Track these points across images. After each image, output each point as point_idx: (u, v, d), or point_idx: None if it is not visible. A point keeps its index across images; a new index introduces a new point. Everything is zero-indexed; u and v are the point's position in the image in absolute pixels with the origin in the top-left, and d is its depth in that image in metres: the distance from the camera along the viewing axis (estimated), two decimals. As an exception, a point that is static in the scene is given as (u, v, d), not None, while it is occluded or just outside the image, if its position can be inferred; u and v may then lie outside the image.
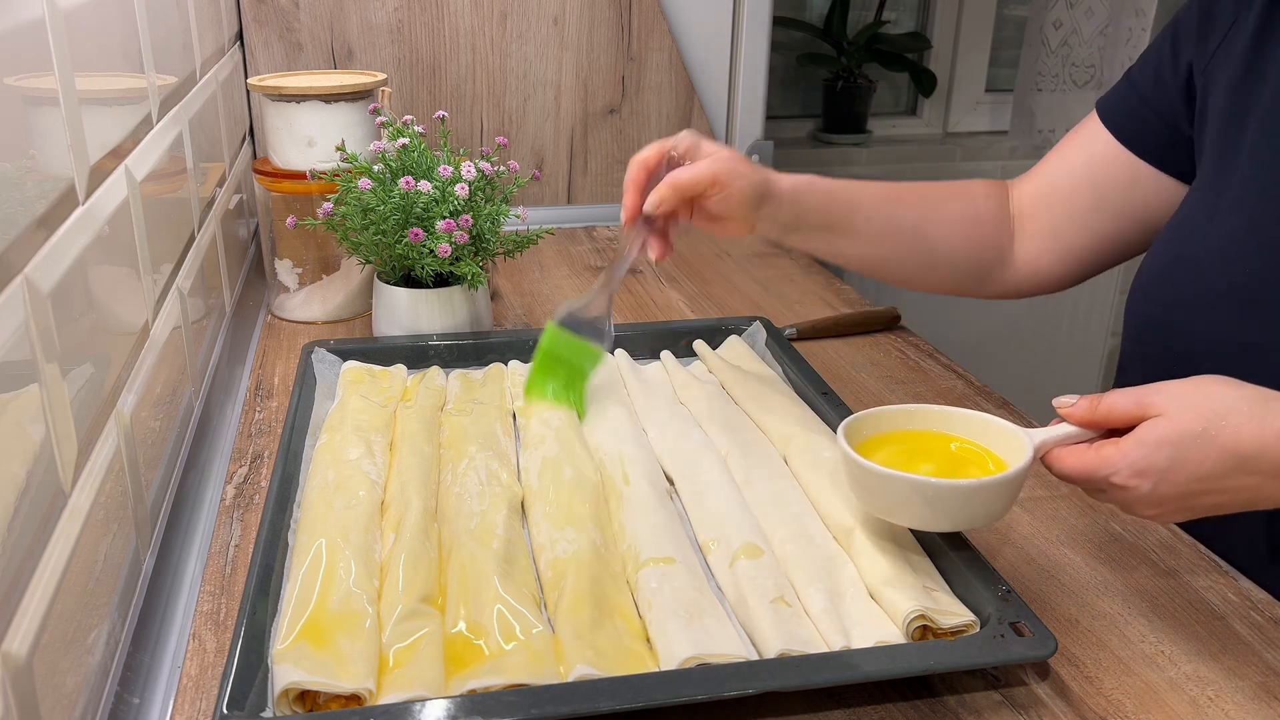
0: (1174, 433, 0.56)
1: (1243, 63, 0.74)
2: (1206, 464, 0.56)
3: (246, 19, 1.29)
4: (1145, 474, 0.57)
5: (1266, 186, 0.71)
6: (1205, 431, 0.56)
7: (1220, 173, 0.75)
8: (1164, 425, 0.56)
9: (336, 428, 0.77)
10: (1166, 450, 0.56)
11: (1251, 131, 0.72)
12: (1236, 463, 0.55)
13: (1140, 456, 0.57)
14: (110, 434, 0.60)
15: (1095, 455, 0.58)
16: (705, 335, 0.97)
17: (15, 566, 0.44)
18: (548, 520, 0.68)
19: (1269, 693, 0.58)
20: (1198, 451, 0.56)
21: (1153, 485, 0.57)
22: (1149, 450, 0.56)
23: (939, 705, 0.57)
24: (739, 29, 1.47)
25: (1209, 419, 0.56)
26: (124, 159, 0.68)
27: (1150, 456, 0.56)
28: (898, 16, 2.34)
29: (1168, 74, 0.80)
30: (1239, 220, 0.72)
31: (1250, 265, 0.70)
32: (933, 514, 0.60)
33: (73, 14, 0.59)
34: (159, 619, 0.65)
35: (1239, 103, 0.74)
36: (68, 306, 0.54)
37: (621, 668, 0.55)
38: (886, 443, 0.65)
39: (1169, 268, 0.76)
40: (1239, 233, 0.71)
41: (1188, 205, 0.77)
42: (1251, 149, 0.72)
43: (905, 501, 0.60)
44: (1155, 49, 0.82)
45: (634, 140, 1.45)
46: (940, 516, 0.60)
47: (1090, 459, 0.59)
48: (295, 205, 1.03)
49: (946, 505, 0.60)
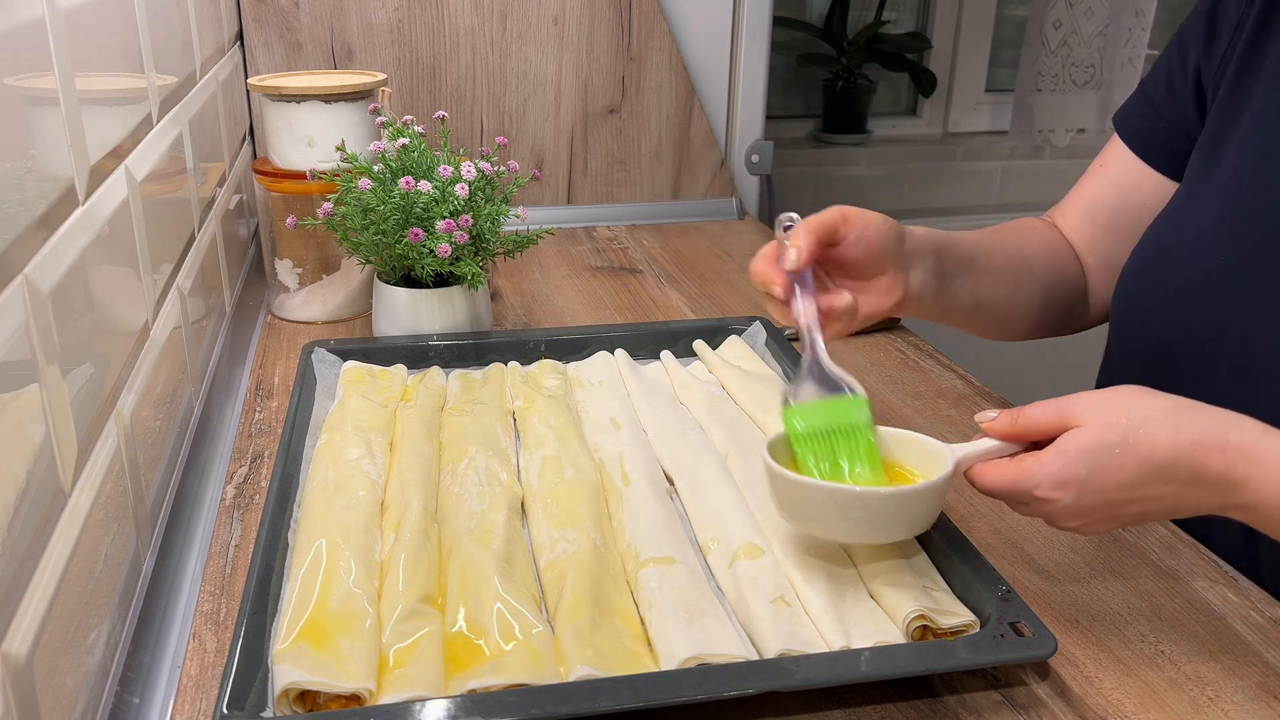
0: (1092, 442, 0.56)
1: (1240, 61, 0.74)
2: (1125, 473, 0.56)
3: (246, 19, 1.29)
4: (1066, 485, 0.57)
5: (1245, 180, 0.71)
6: (1122, 440, 0.56)
7: (1206, 165, 0.75)
8: (1083, 435, 0.57)
9: (336, 428, 0.77)
10: (1086, 460, 0.56)
11: (1242, 126, 0.73)
12: (1153, 471, 0.56)
13: (1061, 467, 0.57)
14: (110, 434, 0.60)
15: (1016, 468, 0.58)
16: (705, 335, 0.97)
17: (15, 566, 0.44)
18: (548, 520, 0.68)
19: (1269, 693, 0.58)
20: (1116, 460, 0.56)
21: (1074, 496, 0.57)
22: (1068, 461, 0.57)
23: (939, 705, 0.57)
24: (739, 29, 1.47)
25: (1126, 429, 0.56)
26: (124, 159, 0.68)
27: (1070, 467, 0.56)
28: (898, 16, 2.34)
29: (1178, 82, 0.80)
30: (1217, 211, 0.73)
31: (1226, 254, 0.71)
32: (850, 525, 0.59)
33: (73, 14, 0.59)
34: (159, 619, 0.65)
35: (1233, 99, 0.75)
36: (68, 306, 0.54)
37: (621, 668, 0.55)
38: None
39: (1150, 258, 0.77)
40: (1216, 222, 0.72)
41: (1174, 198, 0.78)
42: (1240, 143, 0.73)
43: (822, 512, 0.59)
44: (1165, 57, 0.83)
45: (634, 140, 1.45)
46: (857, 527, 0.59)
47: (1011, 472, 0.58)
48: (295, 205, 1.03)
49: (864, 515, 0.58)
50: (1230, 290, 0.70)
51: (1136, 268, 0.78)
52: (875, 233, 0.69)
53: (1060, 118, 2.24)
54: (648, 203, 1.48)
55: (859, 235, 0.68)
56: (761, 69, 1.49)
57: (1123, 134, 0.85)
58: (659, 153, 1.47)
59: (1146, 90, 0.84)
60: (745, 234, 1.43)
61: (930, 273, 0.74)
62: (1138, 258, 0.79)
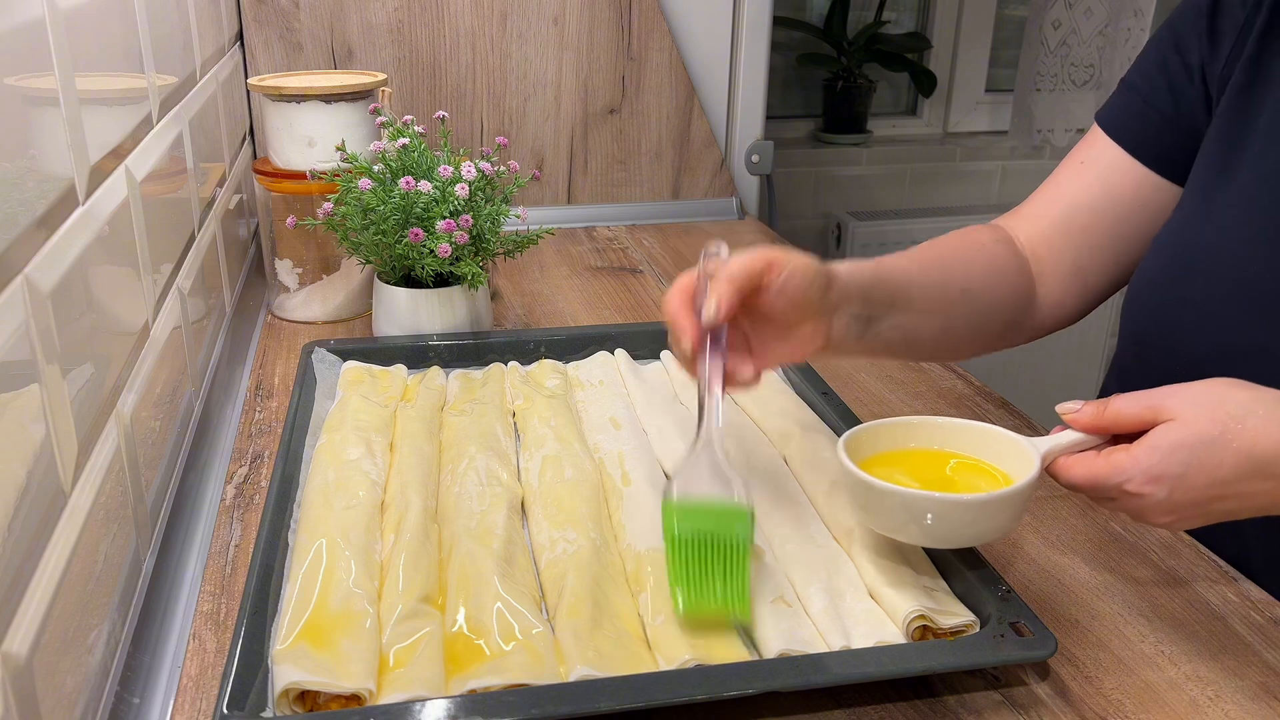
0: (1189, 437, 0.55)
1: (1247, 66, 0.74)
2: (1223, 469, 0.54)
3: (246, 19, 1.29)
4: (1160, 480, 0.55)
5: (1269, 191, 0.70)
6: (1221, 436, 0.54)
7: (1222, 173, 0.74)
8: (1178, 430, 0.55)
9: (336, 428, 0.77)
10: (1181, 455, 0.55)
11: (1257, 134, 0.72)
12: (1253, 467, 0.54)
13: (1154, 462, 0.55)
14: (110, 434, 0.60)
15: (1105, 462, 0.57)
16: (705, 335, 0.96)
17: (15, 566, 0.44)
18: (548, 520, 0.68)
19: (1269, 693, 0.58)
20: (1214, 456, 0.54)
21: (1168, 492, 0.55)
22: (1163, 455, 0.55)
23: (939, 705, 0.57)
24: (739, 29, 1.47)
25: (1224, 422, 0.55)
26: (124, 159, 0.68)
27: (1165, 462, 0.55)
28: (898, 16, 2.34)
29: (1178, 77, 0.78)
30: (1241, 223, 0.71)
31: (1257, 266, 0.70)
32: (937, 531, 0.58)
33: (73, 14, 0.59)
34: (159, 619, 0.65)
35: (1244, 105, 0.73)
36: (68, 306, 0.54)
37: (621, 668, 0.55)
38: (885, 461, 0.63)
39: (1170, 270, 0.75)
40: (1242, 235, 0.71)
41: (1186, 206, 0.77)
42: (1258, 152, 0.72)
43: (907, 518, 0.58)
44: (1155, 52, 0.80)
45: (634, 140, 1.45)
46: (945, 533, 0.58)
47: (1100, 467, 0.57)
48: (295, 205, 1.03)
49: (949, 522, 0.58)
50: (1267, 303, 0.69)
51: (1154, 280, 0.76)
52: (799, 282, 0.63)
53: (1060, 118, 2.24)
54: (648, 203, 1.48)
55: (783, 285, 0.62)
56: (761, 69, 1.49)
57: (1110, 131, 0.82)
58: (659, 153, 1.47)
59: (1134, 86, 0.81)
60: (745, 234, 1.43)
61: (854, 318, 0.68)
62: (1154, 269, 0.77)
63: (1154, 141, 0.80)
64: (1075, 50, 2.19)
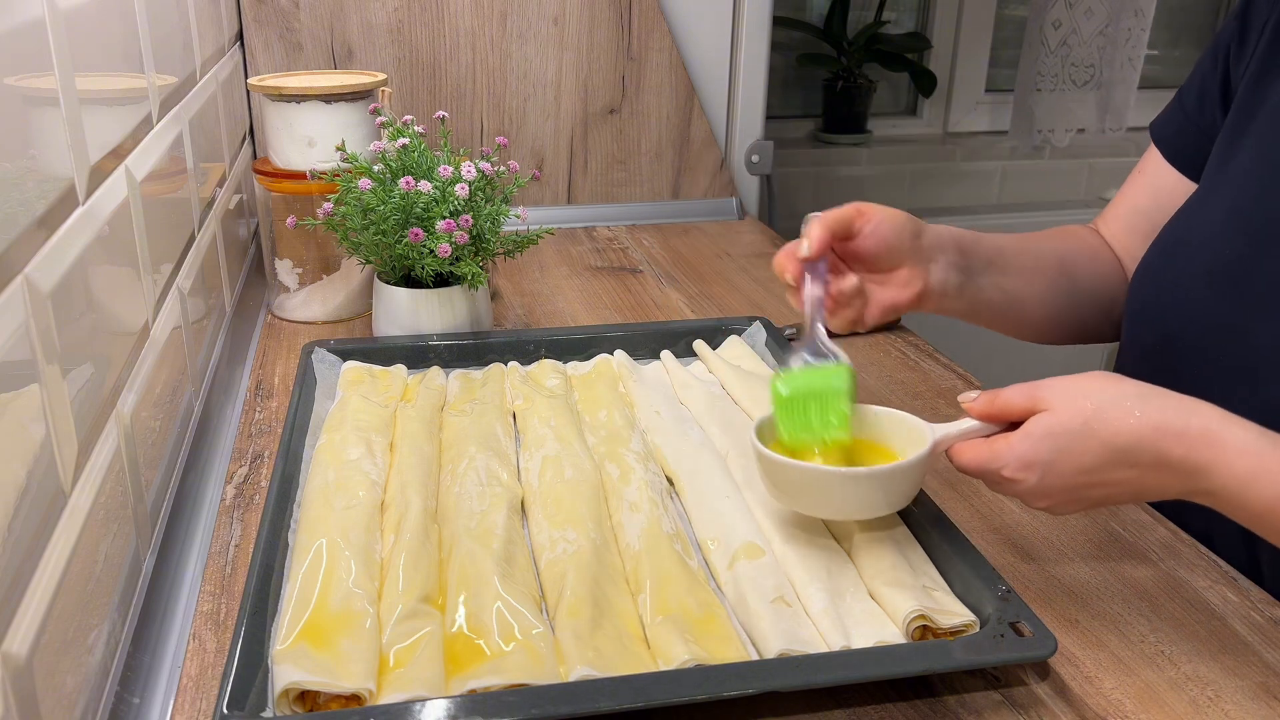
0: (1057, 426, 0.58)
1: (1258, 63, 0.75)
2: (1087, 457, 0.58)
3: (246, 19, 1.29)
4: (1031, 467, 0.59)
5: (1255, 175, 0.72)
6: (1086, 425, 0.58)
7: (1223, 162, 0.76)
8: (1048, 419, 0.59)
9: (336, 428, 0.77)
10: (1049, 443, 0.58)
11: (1258, 123, 0.73)
12: (1115, 456, 0.57)
13: (1026, 449, 0.59)
14: (110, 434, 0.60)
15: (988, 449, 0.61)
16: (705, 335, 0.97)
17: (15, 566, 0.44)
18: (548, 520, 0.68)
19: (1269, 693, 0.58)
20: (1079, 444, 0.58)
21: (1039, 477, 0.59)
22: (1034, 443, 0.58)
23: (939, 705, 0.57)
24: (739, 29, 1.47)
25: (1089, 413, 0.58)
26: (124, 159, 0.68)
27: (1035, 449, 0.58)
28: (898, 16, 2.34)
29: (1210, 87, 0.81)
30: (1226, 206, 0.73)
31: (1231, 248, 0.72)
32: (831, 502, 0.63)
33: (73, 14, 0.59)
34: (159, 619, 0.65)
35: (1253, 96, 0.75)
36: (68, 306, 0.54)
37: (621, 668, 0.55)
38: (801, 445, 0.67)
39: (1163, 251, 0.78)
40: (1224, 217, 0.73)
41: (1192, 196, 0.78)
42: (1254, 140, 0.73)
43: (804, 490, 0.63)
44: (1200, 63, 0.84)
45: (634, 140, 1.45)
46: (838, 505, 0.63)
47: (983, 452, 0.61)
48: (295, 205, 1.03)
49: (843, 493, 0.62)
50: (1234, 284, 0.71)
51: (1150, 261, 0.79)
52: (889, 227, 0.71)
53: (1060, 118, 2.24)
54: (648, 203, 1.49)
55: (874, 228, 0.71)
56: (761, 69, 1.49)
57: (1157, 140, 0.86)
58: (659, 153, 1.47)
59: (1181, 97, 0.85)
60: (745, 234, 1.43)
61: (952, 267, 0.75)
62: (1153, 251, 0.79)
63: (1193, 151, 0.83)
64: (1076, 50, 2.19)
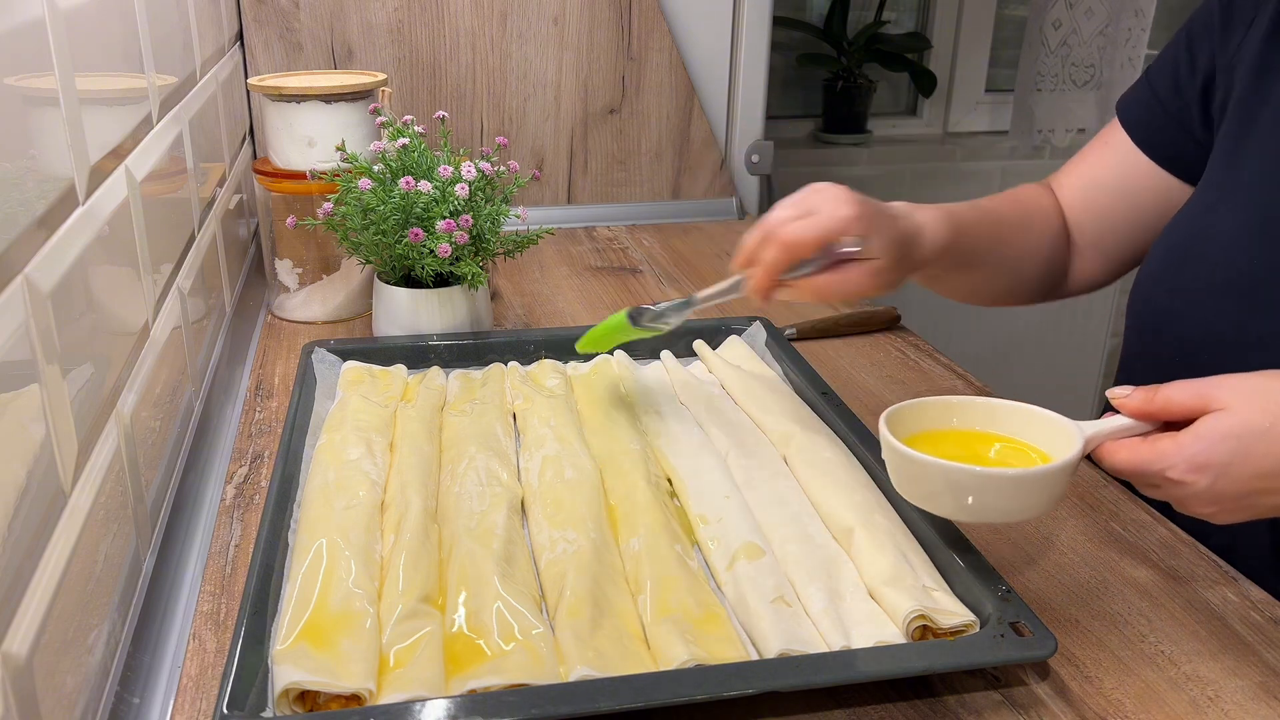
0: (1238, 427, 0.54)
1: (1257, 60, 0.74)
2: (1269, 461, 0.53)
3: (246, 19, 1.29)
4: (1204, 469, 0.54)
5: (1272, 182, 0.71)
6: (1272, 428, 0.53)
7: (1228, 166, 0.75)
8: (1227, 419, 0.54)
9: (336, 428, 0.77)
10: (1229, 445, 0.54)
11: (1262, 126, 0.73)
12: None
13: (1199, 450, 0.54)
14: (110, 434, 0.60)
15: (1150, 449, 0.56)
16: (705, 335, 0.97)
17: (15, 566, 0.44)
18: (548, 520, 0.68)
19: (1269, 693, 0.58)
20: (1262, 447, 0.54)
21: (1211, 481, 0.54)
22: (1210, 444, 0.54)
23: (939, 705, 0.57)
24: (739, 29, 1.47)
25: (1276, 414, 0.54)
26: (124, 159, 0.68)
27: (1211, 451, 0.54)
28: (898, 16, 2.34)
29: (1185, 76, 0.80)
30: (1244, 213, 0.72)
31: (1255, 257, 0.70)
32: (974, 505, 0.58)
33: (73, 14, 0.59)
34: (159, 619, 0.65)
35: (1251, 98, 0.74)
36: (68, 306, 0.54)
37: (621, 668, 0.55)
38: (928, 439, 0.63)
39: (1175, 261, 0.76)
40: (1244, 225, 0.72)
41: (1193, 199, 0.78)
42: (1260, 143, 0.72)
43: (945, 490, 0.58)
44: (1172, 50, 0.82)
45: (634, 140, 1.45)
46: (980, 508, 0.58)
47: (1145, 452, 0.56)
48: (295, 205, 1.03)
49: (985, 496, 0.57)
50: (1261, 294, 0.69)
51: (1157, 270, 0.77)
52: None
53: (1060, 118, 2.24)
54: (648, 203, 1.48)
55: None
56: (761, 69, 1.49)
57: (1125, 123, 0.85)
58: (659, 153, 1.47)
59: (1151, 81, 0.83)
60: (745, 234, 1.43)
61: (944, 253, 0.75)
62: (1158, 259, 0.78)
63: (1161, 138, 0.82)
64: (1076, 50, 2.19)
